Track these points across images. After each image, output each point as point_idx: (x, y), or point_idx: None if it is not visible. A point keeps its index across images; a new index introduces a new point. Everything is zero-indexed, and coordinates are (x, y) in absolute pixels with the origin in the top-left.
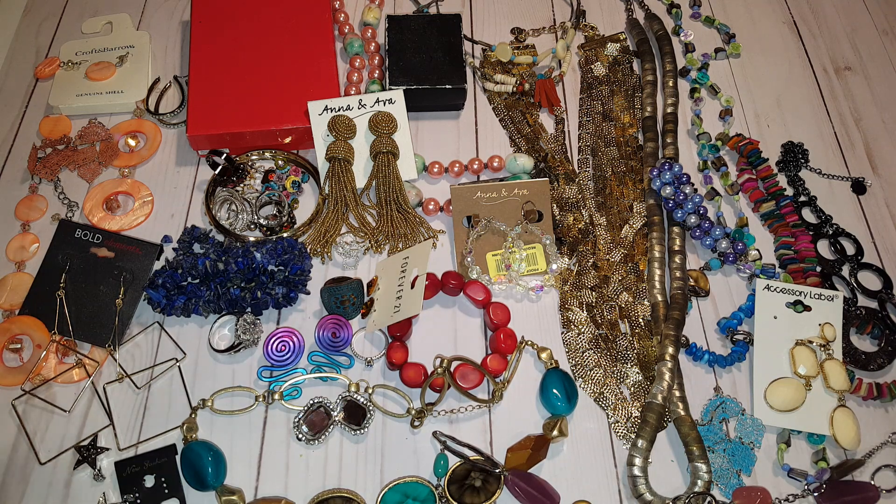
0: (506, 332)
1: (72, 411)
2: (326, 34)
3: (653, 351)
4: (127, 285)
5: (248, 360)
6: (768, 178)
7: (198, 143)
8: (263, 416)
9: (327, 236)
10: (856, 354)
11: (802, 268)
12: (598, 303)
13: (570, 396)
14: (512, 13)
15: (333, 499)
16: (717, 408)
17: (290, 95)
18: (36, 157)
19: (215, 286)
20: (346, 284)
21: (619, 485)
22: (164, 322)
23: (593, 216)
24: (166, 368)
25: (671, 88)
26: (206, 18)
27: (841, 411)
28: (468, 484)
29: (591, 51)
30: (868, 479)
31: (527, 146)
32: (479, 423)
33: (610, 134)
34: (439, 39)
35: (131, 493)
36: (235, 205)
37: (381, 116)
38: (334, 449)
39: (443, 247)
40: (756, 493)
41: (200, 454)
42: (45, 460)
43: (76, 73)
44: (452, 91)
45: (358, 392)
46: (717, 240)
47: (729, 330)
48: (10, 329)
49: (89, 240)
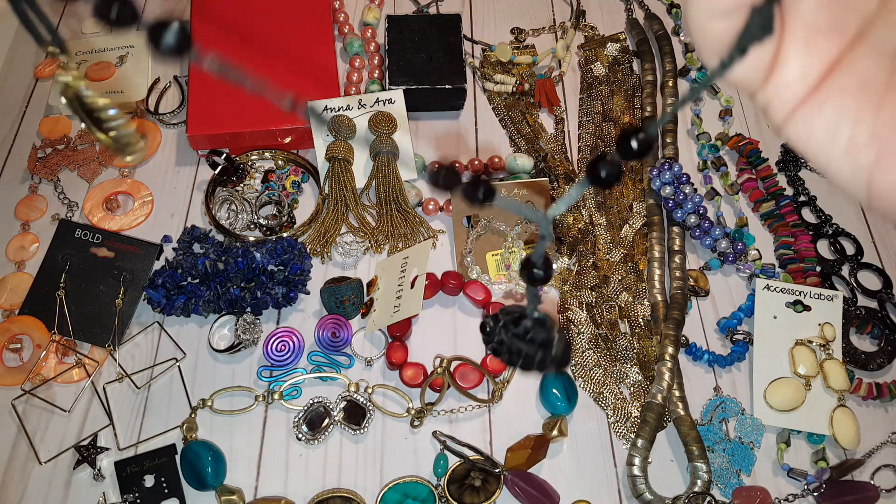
0: None
1: (72, 411)
2: (326, 34)
3: (652, 351)
4: (127, 285)
5: (247, 359)
6: (768, 177)
7: (198, 143)
8: (263, 415)
9: (327, 236)
10: (855, 354)
11: (802, 268)
12: (597, 303)
13: (569, 396)
14: (512, 13)
15: (333, 498)
16: (716, 408)
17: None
18: (36, 157)
19: (215, 286)
20: (346, 284)
21: (619, 485)
22: (164, 322)
23: (593, 216)
24: (166, 368)
25: (671, 88)
26: (205, 18)
27: (841, 411)
28: (468, 484)
29: (591, 51)
30: (868, 478)
31: (527, 146)
32: (478, 422)
33: (610, 134)
34: (439, 39)
35: (131, 493)
36: (235, 205)
37: (380, 116)
38: (334, 449)
39: (443, 247)
40: (756, 493)
41: (200, 454)
42: (44, 460)
43: (76, 72)
44: (452, 91)
45: (358, 392)
46: (716, 240)
47: (729, 330)
48: (10, 329)
49: (89, 240)
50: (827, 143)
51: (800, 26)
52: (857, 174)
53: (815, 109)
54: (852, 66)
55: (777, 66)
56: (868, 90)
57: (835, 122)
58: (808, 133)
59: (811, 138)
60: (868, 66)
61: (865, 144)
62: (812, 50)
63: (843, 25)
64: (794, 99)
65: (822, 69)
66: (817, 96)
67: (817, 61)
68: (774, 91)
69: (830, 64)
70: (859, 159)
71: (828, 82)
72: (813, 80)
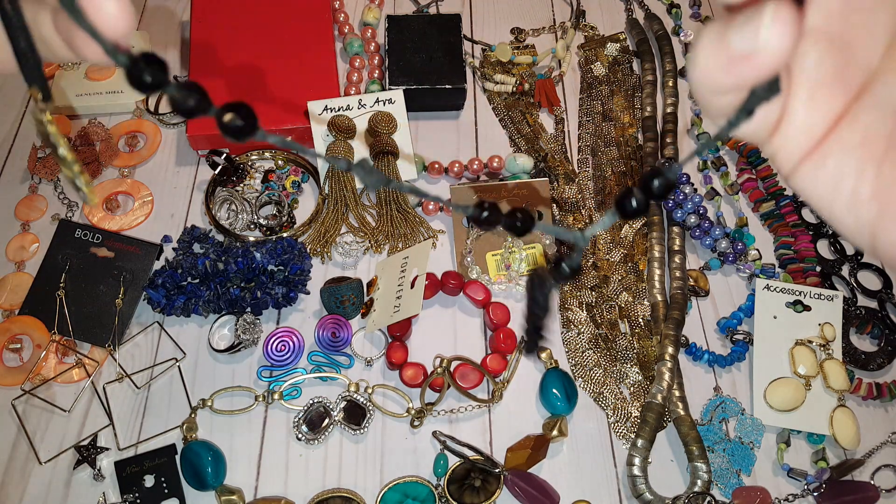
0: (506, 332)
1: (72, 411)
2: (326, 34)
3: (652, 351)
4: (127, 285)
5: (247, 359)
6: (768, 177)
7: (198, 143)
8: (263, 415)
9: (327, 236)
10: (855, 354)
11: (802, 268)
12: (597, 303)
13: (569, 396)
14: (512, 13)
15: (333, 498)
16: (716, 407)
17: (290, 95)
18: (36, 157)
19: (215, 286)
20: (346, 284)
21: (619, 485)
22: (164, 322)
23: (593, 216)
24: (166, 368)
25: (671, 88)
26: (205, 18)
27: (841, 411)
28: (468, 484)
29: (591, 51)
30: (868, 478)
31: (526, 146)
32: (478, 422)
33: (610, 134)
34: (439, 39)
35: (131, 493)
36: (235, 205)
37: (380, 116)
38: (334, 449)
39: (443, 247)
40: (756, 493)
41: (200, 454)
42: (45, 460)
43: (76, 73)
44: (452, 91)
45: (358, 392)
46: (716, 240)
47: (729, 330)
48: (10, 329)
49: (89, 240)
50: (831, 197)
51: (804, 81)
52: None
53: (819, 163)
54: (855, 120)
55: (782, 120)
56: (871, 146)
57: (838, 177)
58: (813, 185)
59: (816, 190)
60: (871, 122)
61: (867, 200)
62: (816, 104)
63: (846, 79)
64: (800, 152)
65: (827, 123)
66: (821, 150)
67: (821, 115)
68: (780, 143)
69: (834, 118)
70: (862, 214)
71: (832, 137)
72: (817, 133)
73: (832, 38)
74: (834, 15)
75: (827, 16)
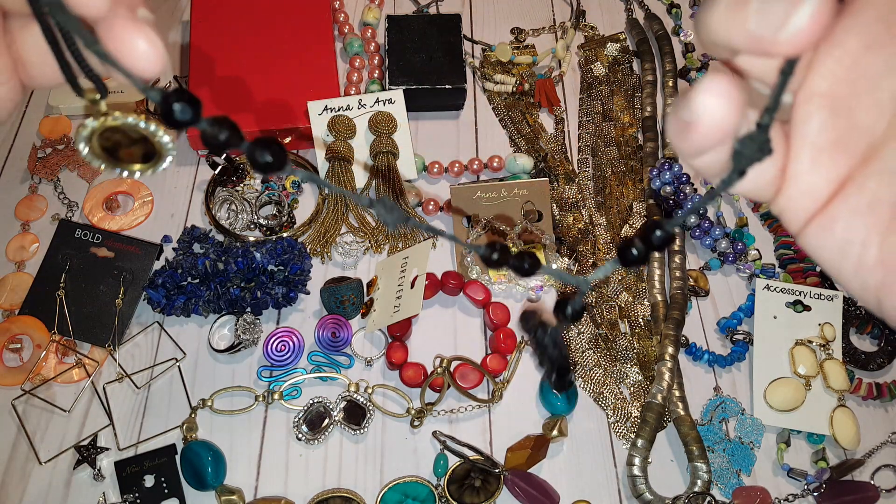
0: (506, 332)
1: (72, 411)
2: (326, 34)
3: (652, 351)
4: (127, 285)
5: (247, 359)
6: None
7: (198, 143)
8: (263, 415)
9: (327, 236)
10: (855, 354)
11: (802, 267)
12: (597, 303)
13: (569, 396)
14: (512, 13)
15: (333, 499)
16: (716, 407)
17: (290, 95)
18: (36, 157)
19: (215, 286)
20: (345, 284)
21: (619, 485)
22: (164, 322)
23: (593, 216)
24: (166, 368)
25: (671, 88)
26: (205, 18)
27: (841, 411)
28: (468, 484)
29: (591, 51)
30: (868, 478)
31: (527, 146)
32: (478, 422)
33: (610, 134)
34: (439, 39)
35: (131, 493)
36: (235, 205)
37: (380, 116)
38: (334, 449)
39: (443, 247)
40: (756, 493)
41: (200, 454)
42: (45, 460)
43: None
44: (452, 91)
45: (358, 392)
46: (716, 240)
47: (729, 330)
48: (10, 329)
49: (89, 240)
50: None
51: (807, 144)
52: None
53: (826, 226)
54: (862, 186)
55: (786, 182)
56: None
57: (845, 241)
58: (820, 247)
59: (824, 251)
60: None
61: (872, 267)
62: (819, 168)
63: (850, 144)
64: (806, 213)
65: (831, 187)
66: (828, 214)
67: (824, 179)
68: (785, 204)
69: (838, 182)
70: (867, 280)
71: (838, 200)
72: (822, 197)
73: (836, 104)
74: (840, 81)
75: (832, 81)
